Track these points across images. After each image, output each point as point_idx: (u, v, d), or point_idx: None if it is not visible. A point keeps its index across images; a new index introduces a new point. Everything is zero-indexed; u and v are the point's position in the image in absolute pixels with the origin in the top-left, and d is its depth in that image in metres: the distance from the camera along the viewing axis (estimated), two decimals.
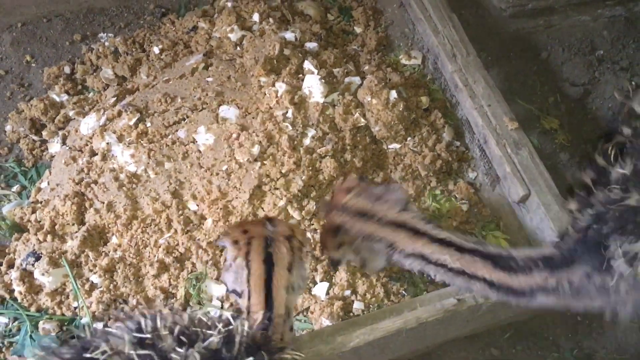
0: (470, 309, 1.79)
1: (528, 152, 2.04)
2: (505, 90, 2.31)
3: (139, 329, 1.07)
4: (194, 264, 1.96)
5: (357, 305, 1.89)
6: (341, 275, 1.94)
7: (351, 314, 1.89)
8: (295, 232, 1.50)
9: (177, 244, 1.98)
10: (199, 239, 1.97)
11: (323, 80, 2.17)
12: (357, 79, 2.27)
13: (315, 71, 2.22)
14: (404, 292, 1.95)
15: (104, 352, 1.02)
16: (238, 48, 2.39)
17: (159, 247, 1.97)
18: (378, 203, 1.51)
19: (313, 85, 2.16)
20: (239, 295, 1.40)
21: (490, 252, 1.44)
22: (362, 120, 2.16)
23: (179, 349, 1.04)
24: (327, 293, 1.92)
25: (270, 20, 2.42)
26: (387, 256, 1.51)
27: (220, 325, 1.10)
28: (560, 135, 2.50)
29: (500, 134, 2.08)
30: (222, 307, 1.91)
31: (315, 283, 1.95)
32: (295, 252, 1.44)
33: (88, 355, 1.04)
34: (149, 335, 1.05)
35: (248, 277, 1.39)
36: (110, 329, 1.08)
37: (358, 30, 2.58)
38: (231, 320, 1.16)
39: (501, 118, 2.11)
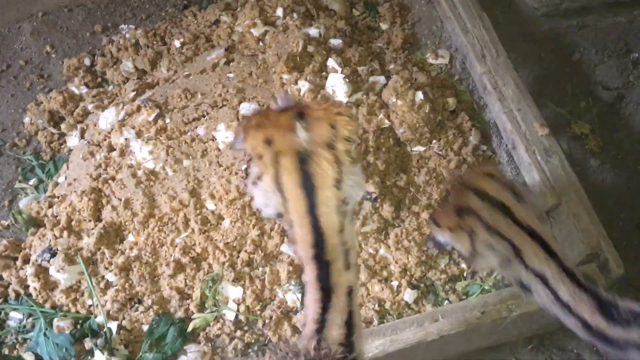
0: (494, 322, 1.74)
1: (559, 160, 1.96)
2: (535, 92, 2.24)
3: None
4: (210, 265, 1.92)
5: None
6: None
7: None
8: (339, 127, 1.13)
9: (194, 244, 1.94)
10: (216, 240, 1.93)
11: (347, 79, 2.11)
12: (382, 79, 2.21)
13: (339, 69, 2.16)
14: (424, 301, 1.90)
15: None
16: (260, 43, 2.34)
17: (176, 246, 1.94)
18: (520, 202, 1.33)
19: (337, 84, 2.10)
20: (274, 215, 1.19)
21: (598, 294, 1.34)
22: (387, 121, 2.10)
23: None
24: None
25: (294, 15, 2.36)
26: (504, 261, 1.33)
27: None
28: (591, 141, 2.41)
29: (530, 140, 2.01)
30: (238, 311, 1.87)
31: None
32: (341, 159, 1.11)
33: None
34: None
35: (285, 204, 1.13)
36: None
37: (384, 26, 2.51)
38: None
39: (531, 123, 2.04)
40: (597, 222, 1.86)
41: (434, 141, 2.15)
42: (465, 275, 1.94)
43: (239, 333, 1.85)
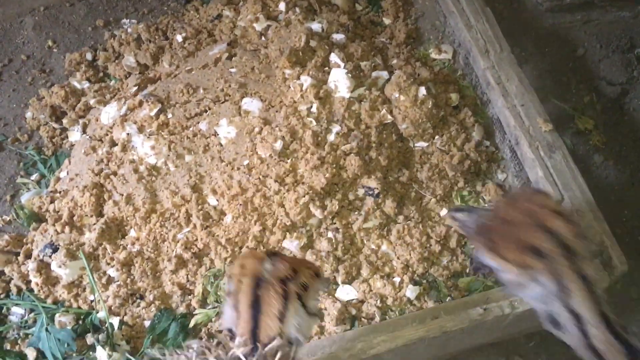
0: (496, 318, 1.73)
1: (562, 156, 1.95)
2: (538, 87, 2.22)
3: None
4: (212, 261, 1.92)
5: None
6: (363, 277, 1.90)
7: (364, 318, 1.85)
8: (301, 272, 1.31)
9: (196, 240, 1.94)
10: (218, 235, 1.93)
11: (350, 75, 2.10)
12: (384, 74, 2.19)
13: (342, 64, 2.14)
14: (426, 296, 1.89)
15: None
16: (263, 38, 2.33)
17: (178, 242, 1.94)
18: (583, 242, 1.27)
19: (339, 80, 2.09)
20: (234, 336, 1.27)
21: (629, 342, 1.24)
22: (389, 117, 2.08)
23: None
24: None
25: (297, 9, 2.35)
26: (546, 296, 1.27)
27: None
28: (595, 136, 2.40)
29: (533, 135, 2.00)
30: None
31: (337, 284, 1.90)
32: (290, 297, 1.25)
33: None
34: None
35: (237, 320, 1.25)
36: None
37: (387, 21, 2.49)
38: None
39: (535, 119, 2.02)
40: (601, 218, 1.84)
41: (437, 137, 2.14)
42: (467, 271, 1.93)
43: None
